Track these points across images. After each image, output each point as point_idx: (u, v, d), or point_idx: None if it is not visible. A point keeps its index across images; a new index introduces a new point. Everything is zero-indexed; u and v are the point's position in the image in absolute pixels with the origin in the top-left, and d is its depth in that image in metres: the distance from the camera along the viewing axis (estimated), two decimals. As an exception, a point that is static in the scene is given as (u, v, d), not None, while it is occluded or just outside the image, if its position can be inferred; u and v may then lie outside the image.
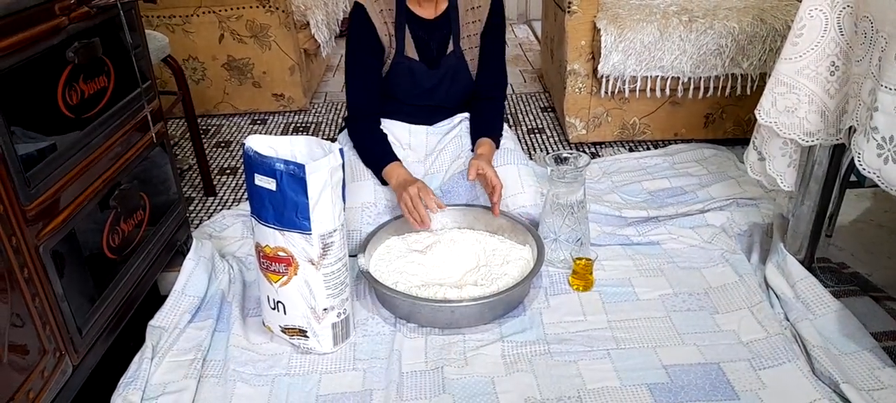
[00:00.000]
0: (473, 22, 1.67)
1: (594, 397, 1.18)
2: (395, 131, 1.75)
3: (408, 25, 1.64)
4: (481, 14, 1.67)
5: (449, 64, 1.68)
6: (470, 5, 1.66)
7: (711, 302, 1.41)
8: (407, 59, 1.66)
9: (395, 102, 1.72)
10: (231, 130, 2.58)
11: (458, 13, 1.65)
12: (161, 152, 1.42)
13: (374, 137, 1.66)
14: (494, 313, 1.38)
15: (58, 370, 1.05)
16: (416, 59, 1.66)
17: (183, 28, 2.52)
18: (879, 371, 1.18)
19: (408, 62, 1.66)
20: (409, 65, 1.67)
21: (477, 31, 1.68)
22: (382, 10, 1.61)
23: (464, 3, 1.66)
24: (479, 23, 1.67)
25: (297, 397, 1.22)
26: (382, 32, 1.62)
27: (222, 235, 1.72)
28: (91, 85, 1.14)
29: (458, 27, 1.66)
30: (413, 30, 1.65)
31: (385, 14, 1.62)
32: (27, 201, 0.98)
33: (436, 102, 1.74)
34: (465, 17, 1.66)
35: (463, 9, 1.66)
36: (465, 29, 1.67)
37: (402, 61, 1.66)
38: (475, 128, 1.72)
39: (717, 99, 2.17)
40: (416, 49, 1.66)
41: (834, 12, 1.20)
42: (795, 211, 1.44)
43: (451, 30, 1.66)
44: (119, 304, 1.24)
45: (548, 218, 1.53)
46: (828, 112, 1.26)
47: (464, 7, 1.66)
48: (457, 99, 1.76)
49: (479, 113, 1.74)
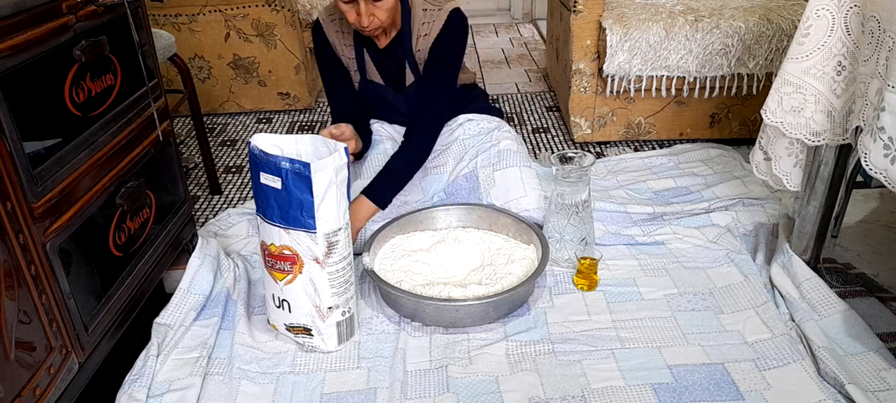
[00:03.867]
0: (419, 50, 1.61)
1: (598, 397, 1.18)
2: (394, 135, 1.75)
3: (365, 50, 1.63)
4: (426, 44, 1.60)
5: (412, 91, 1.66)
6: (420, 33, 1.59)
7: (716, 303, 1.41)
8: (372, 83, 1.65)
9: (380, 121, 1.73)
10: (237, 129, 2.59)
11: (410, 43, 1.59)
12: (167, 150, 1.42)
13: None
14: (499, 312, 1.38)
15: (64, 367, 1.06)
16: (382, 84, 1.66)
17: (189, 27, 2.53)
18: (885, 373, 1.18)
19: (374, 86, 1.66)
20: (376, 89, 1.66)
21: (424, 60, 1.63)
22: (339, 31, 1.61)
23: (416, 29, 1.59)
24: (422, 52, 1.61)
25: (302, 395, 1.22)
26: (340, 53, 1.62)
27: (228, 233, 1.73)
28: (98, 83, 1.15)
29: (413, 58, 1.61)
30: (371, 54, 1.63)
31: (342, 35, 1.61)
32: (34, 199, 0.98)
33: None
34: (416, 44, 1.60)
35: (415, 36, 1.59)
36: (417, 56, 1.62)
37: (368, 85, 1.66)
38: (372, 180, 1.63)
39: (723, 99, 2.16)
40: (379, 73, 1.65)
41: (841, 12, 1.19)
42: (801, 211, 1.44)
43: (406, 59, 1.62)
44: (125, 302, 1.25)
45: (552, 218, 1.53)
46: (834, 112, 1.25)
47: (415, 34, 1.59)
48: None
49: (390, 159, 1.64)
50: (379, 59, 1.64)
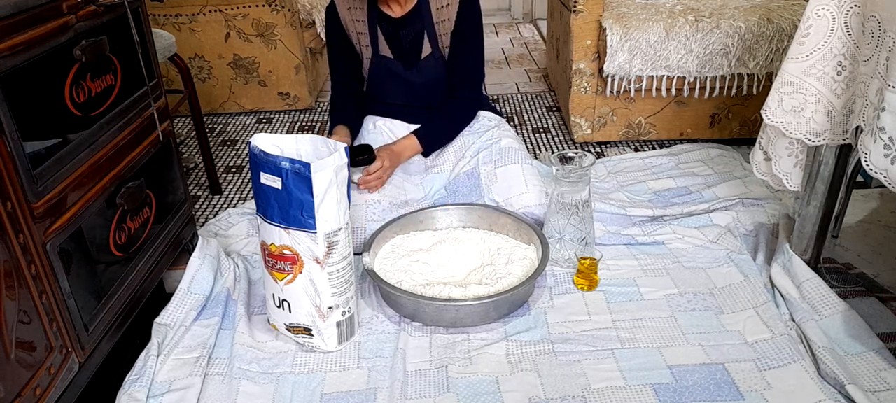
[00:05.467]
0: (445, 20, 1.64)
1: (598, 397, 1.18)
2: (396, 130, 1.75)
3: (379, 25, 1.64)
4: (451, 13, 1.64)
5: (429, 65, 1.68)
6: (440, 3, 1.63)
7: (716, 303, 1.41)
8: (383, 58, 1.66)
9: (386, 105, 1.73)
10: (237, 129, 2.59)
11: (429, 11, 1.63)
12: (167, 150, 1.42)
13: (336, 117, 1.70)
14: (499, 312, 1.38)
15: (64, 366, 1.06)
16: (392, 58, 1.67)
17: (189, 27, 2.53)
18: (885, 373, 1.18)
19: (384, 61, 1.67)
20: (386, 64, 1.67)
21: (448, 31, 1.66)
22: (351, 8, 1.62)
23: (435, 1, 1.63)
24: (448, 22, 1.65)
25: (302, 395, 1.22)
26: (351, 30, 1.63)
27: (228, 233, 1.73)
28: (98, 83, 1.15)
29: (433, 28, 1.64)
30: (384, 28, 1.65)
31: (354, 12, 1.62)
32: (35, 199, 0.98)
33: (423, 103, 1.73)
34: (437, 15, 1.63)
35: (434, 7, 1.63)
36: (438, 27, 1.65)
37: (379, 61, 1.67)
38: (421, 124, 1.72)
39: (723, 99, 2.16)
40: (390, 48, 1.66)
41: (841, 12, 1.19)
42: (801, 211, 1.44)
43: (425, 30, 1.64)
44: (125, 302, 1.25)
45: (553, 218, 1.53)
46: (834, 112, 1.25)
47: (435, 5, 1.63)
48: (444, 99, 1.75)
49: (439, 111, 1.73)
50: (394, 32, 1.65)
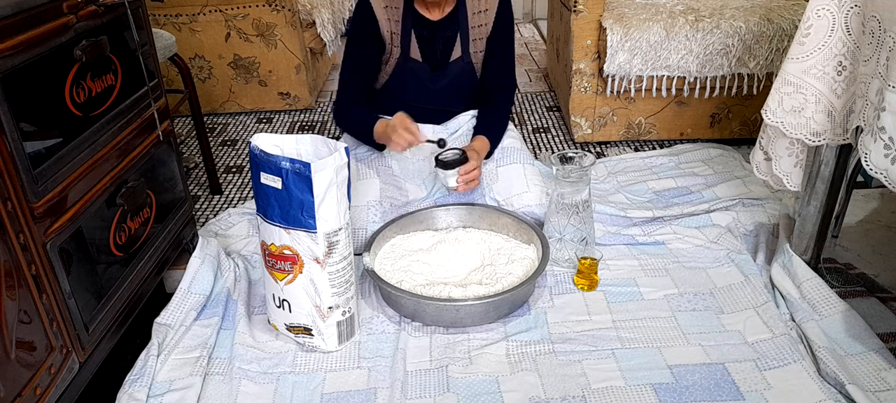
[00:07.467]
0: (481, 25, 1.66)
1: (599, 396, 1.18)
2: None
3: (414, 27, 1.64)
4: (489, 17, 1.65)
5: (456, 69, 1.68)
6: (477, 8, 1.65)
7: (717, 303, 1.41)
8: (411, 61, 1.66)
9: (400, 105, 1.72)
10: (237, 129, 2.59)
11: (466, 16, 1.64)
12: (167, 150, 1.42)
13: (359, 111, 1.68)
14: (499, 312, 1.38)
15: (65, 366, 1.06)
16: (420, 61, 1.66)
17: (189, 27, 2.53)
18: (885, 373, 1.18)
19: (411, 65, 1.66)
20: (412, 67, 1.67)
21: (484, 35, 1.67)
22: (388, 6, 1.62)
23: (472, 5, 1.64)
24: (486, 27, 1.66)
25: (302, 395, 1.22)
26: (385, 29, 1.62)
27: (228, 233, 1.73)
28: (98, 83, 1.15)
29: (467, 32, 1.65)
30: (418, 31, 1.64)
31: (390, 11, 1.62)
32: (35, 198, 0.98)
33: (441, 106, 1.74)
34: (473, 20, 1.65)
35: (471, 12, 1.64)
36: (473, 32, 1.66)
37: (406, 64, 1.66)
38: (477, 128, 1.72)
39: (724, 99, 2.16)
40: (421, 51, 1.66)
41: (841, 12, 1.19)
42: (802, 211, 1.44)
43: (460, 33, 1.65)
44: (125, 301, 1.25)
45: (553, 218, 1.53)
46: (835, 112, 1.25)
47: (472, 10, 1.64)
48: (463, 103, 1.76)
49: (483, 115, 1.73)
50: (429, 35, 1.65)
